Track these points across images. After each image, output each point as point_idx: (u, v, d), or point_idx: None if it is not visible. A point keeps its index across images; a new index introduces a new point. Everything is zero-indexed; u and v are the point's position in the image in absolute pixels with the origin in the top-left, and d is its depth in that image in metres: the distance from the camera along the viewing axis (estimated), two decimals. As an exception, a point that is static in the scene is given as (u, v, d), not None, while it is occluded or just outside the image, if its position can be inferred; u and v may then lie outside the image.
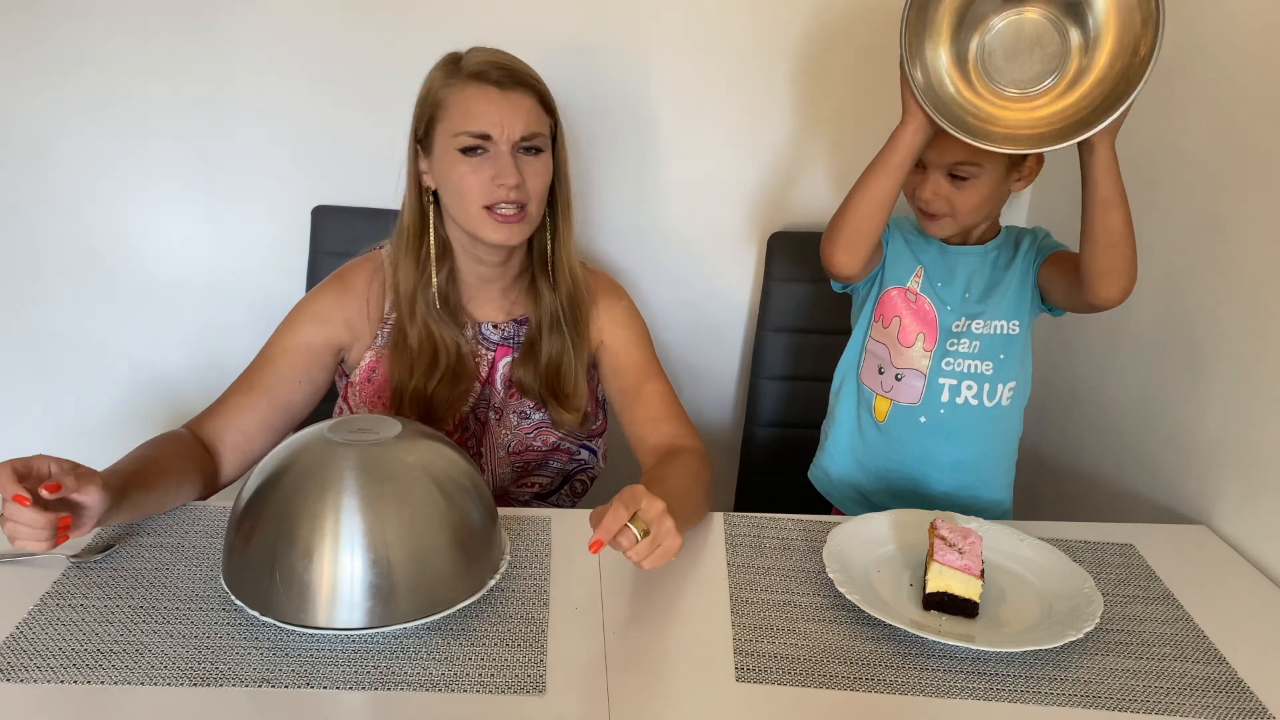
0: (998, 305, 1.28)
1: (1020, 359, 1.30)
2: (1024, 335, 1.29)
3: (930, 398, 1.30)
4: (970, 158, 1.18)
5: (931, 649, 0.96)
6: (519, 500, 1.35)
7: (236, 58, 1.60)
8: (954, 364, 1.29)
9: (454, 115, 1.16)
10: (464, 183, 1.16)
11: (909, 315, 1.30)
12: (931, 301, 1.29)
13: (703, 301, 1.80)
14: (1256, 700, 0.92)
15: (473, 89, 1.15)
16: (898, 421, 1.32)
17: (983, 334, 1.28)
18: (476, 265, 1.26)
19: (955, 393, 1.29)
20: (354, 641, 0.91)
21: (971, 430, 1.30)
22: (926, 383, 1.29)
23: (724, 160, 1.72)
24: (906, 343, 1.30)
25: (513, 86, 1.16)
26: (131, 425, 1.80)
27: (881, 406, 1.34)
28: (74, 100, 1.60)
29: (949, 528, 1.05)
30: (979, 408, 1.29)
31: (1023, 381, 1.31)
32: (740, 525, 1.18)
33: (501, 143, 1.16)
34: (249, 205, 1.69)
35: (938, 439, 1.31)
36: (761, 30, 1.64)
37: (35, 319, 1.73)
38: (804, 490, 1.52)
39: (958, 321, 1.28)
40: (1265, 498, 1.20)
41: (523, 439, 1.30)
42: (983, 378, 1.28)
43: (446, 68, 1.19)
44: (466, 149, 1.16)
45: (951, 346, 1.29)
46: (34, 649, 0.88)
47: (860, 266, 1.22)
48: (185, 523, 1.10)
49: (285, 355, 1.24)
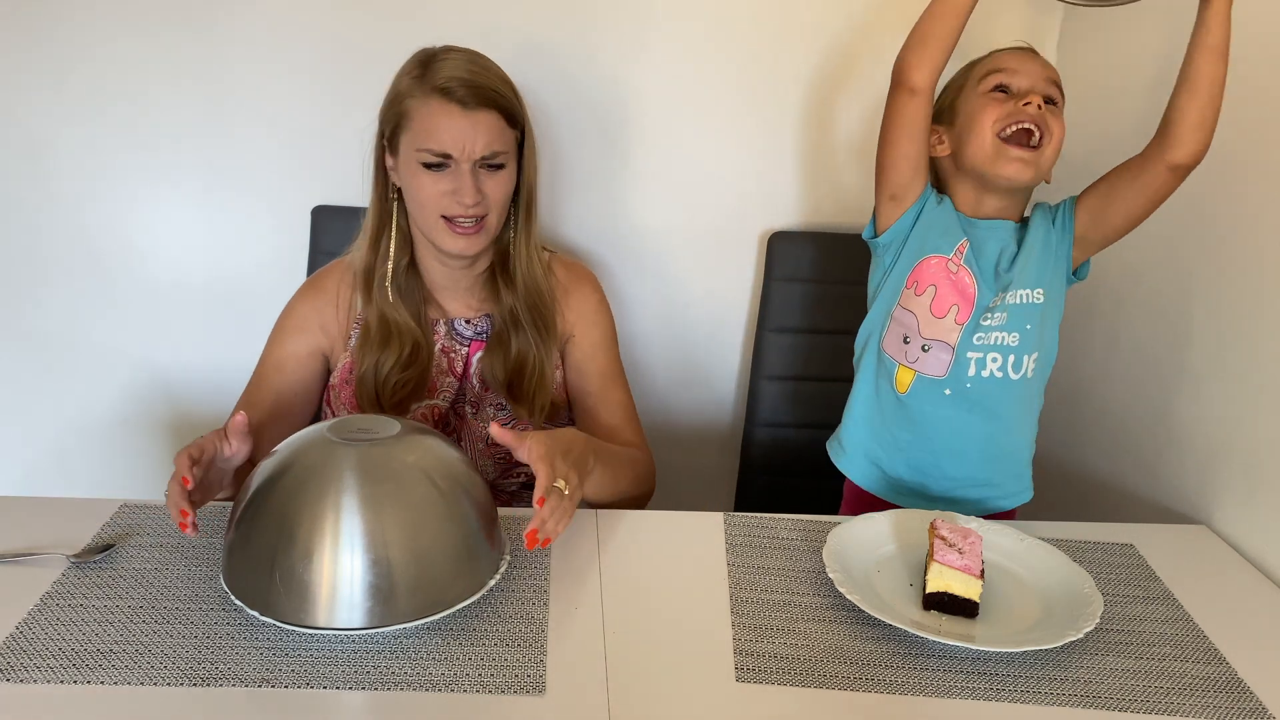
0: (1021, 273, 1.26)
1: (1043, 329, 1.27)
2: (1048, 305, 1.27)
3: (957, 371, 1.27)
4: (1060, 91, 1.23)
5: (931, 649, 0.96)
6: (507, 490, 1.34)
7: (237, 58, 1.60)
8: (984, 338, 1.26)
9: (417, 129, 1.17)
10: (424, 193, 1.19)
11: (947, 286, 1.27)
12: (974, 275, 1.27)
13: (702, 301, 1.80)
14: (1256, 700, 0.92)
15: (436, 105, 1.16)
16: (920, 394, 1.29)
17: (1011, 305, 1.26)
18: (440, 265, 1.28)
19: (981, 366, 1.26)
20: (354, 641, 0.91)
21: (995, 404, 1.28)
22: (954, 356, 1.27)
23: (724, 160, 1.72)
24: (939, 313, 1.27)
25: (476, 106, 1.16)
26: (131, 425, 1.80)
27: (904, 377, 1.30)
28: (74, 101, 1.60)
29: (949, 528, 1.05)
30: (1004, 380, 1.27)
31: (1045, 353, 1.29)
32: (740, 525, 1.18)
33: (463, 161, 1.17)
34: (249, 205, 1.69)
35: (960, 411, 1.28)
36: (764, 28, 1.64)
37: (35, 319, 1.73)
38: (804, 490, 1.52)
39: (994, 297, 1.27)
40: (1265, 498, 1.20)
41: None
42: (1008, 349, 1.26)
43: (415, 72, 1.19)
44: (427, 164, 1.17)
45: (984, 321, 1.27)
46: (34, 649, 0.88)
47: (929, 77, 1.20)
48: (185, 523, 1.10)
49: (278, 370, 1.26)
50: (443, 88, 1.16)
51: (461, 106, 1.16)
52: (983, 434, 1.29)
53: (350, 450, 0.94)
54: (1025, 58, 1.24)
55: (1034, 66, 1.23)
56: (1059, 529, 1.21)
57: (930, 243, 1.28)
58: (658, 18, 1.62)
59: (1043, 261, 1.27)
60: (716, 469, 1.89)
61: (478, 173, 1.19)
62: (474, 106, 1.16)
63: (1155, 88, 1.47)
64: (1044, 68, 1.24)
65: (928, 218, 1.28)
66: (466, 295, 1.32)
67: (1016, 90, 1.22)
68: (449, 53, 1.20)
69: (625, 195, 1.73)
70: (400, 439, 0.97)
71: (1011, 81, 1.22)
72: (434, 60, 1.19)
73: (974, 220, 1.28)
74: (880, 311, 1.32)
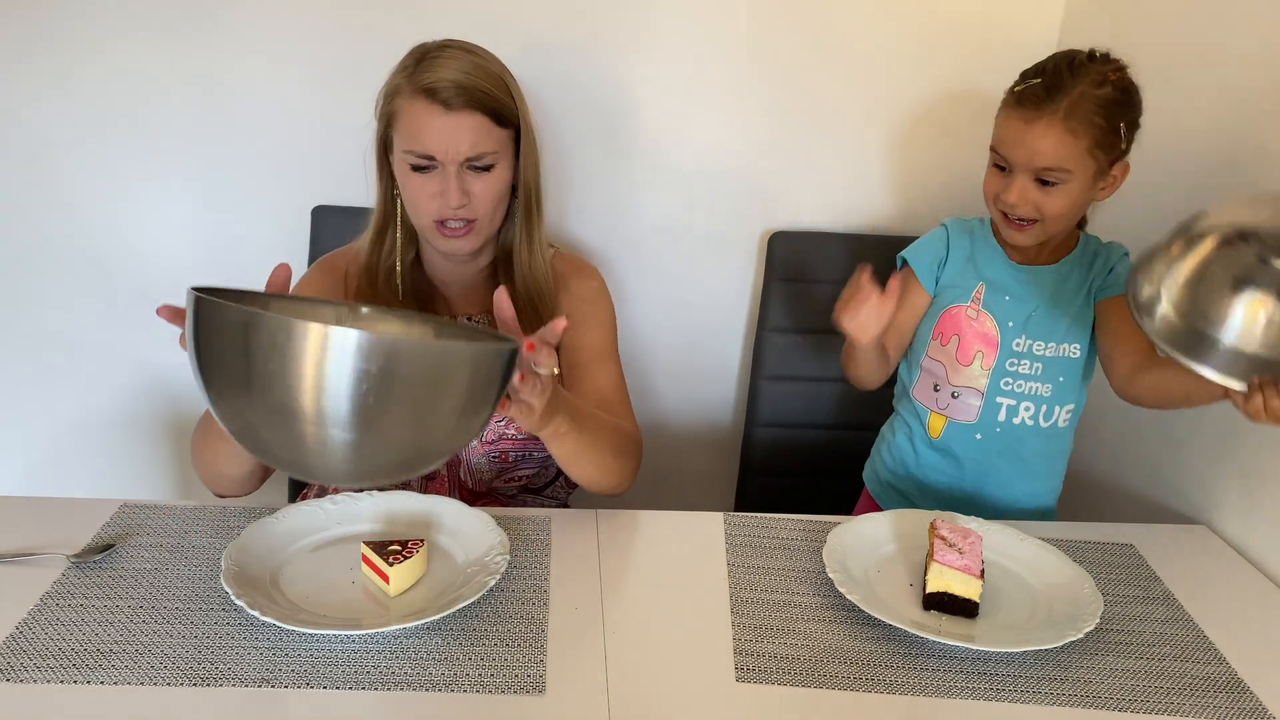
0: (1057, 327, 1.25)
1: (1079, 382, 1.28)
2: (1084, 358, 1.27)
3: (987, 416, 1.29)
4: (1061, 163, 1.13)
5: (931, 649, 0.96)
6: (507, 496, 1.34)
7: (237, 58, 1.60)
8: (1013, 384, 1.27)
9: (403, 130, 1.17)
10: (414, 195, 1.18)
11: (970, 333, 1.28)
12: (995, 318, 1.27)
13: (703, 301, 1.80)
14: (1256, 700, 0.92)
15: (420, 106, 1.15)
16: (954, 438, 1.31)
17: (1044, 355, 1.26)
18: (443, 261, 1.28)
19: (1013, 413, 1.28)
20: (354, 641, 0.91)
21: (1026, 449, 1.30)
22: (984, 401, 1.28)
23: (724, 160, 1.72)
24: (965, 361, 1.28)
25: (461, 107, 1.14)
26: (131, 426, 1.80)
27: (936, 423, 1.32)
28: (74, 102, 1.60)
29: (949, 528, 1.05)
30: (1034, 428, 1.28)
31: (1078, 404, 1.29)
32: (740, 525, 1.18)
33: (448, 163, 1.15)
34: (249, 205, 1.69)
35: (991, 456, 1.30)
36: (764, 29, 1.64)
37: (35, 319, 1.73)
38: (804, 490, 1.52)
39: (1018, 339, 1.26)
40: (1265, 498, 1.20)
41: (494, 428, 1.29)
42: (1040, 399, 1.27)
43: (407, 69, 1.18)
44: (414, 166, 1.17)
45: (1011, 366, 1.27)
46: (34, 649, 0.88)
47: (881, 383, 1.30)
48: (185, 522, 1.10)
49: None
50: (427, 88, 1.14)
51: (445, 108, 1.14)
52: (1011, 477, 1.31)
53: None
54: (1021, 130, 1.14)
55: (1029, 141, 1.13)
56: (1059, 529, 1.21)
57: (948, 297, 1.30)
58: (660, 17, 1.62)
59: (1082, 318, 1.25)
60: (716, 469, 1.89)
61: (464, 174, 1.17)
62: (458, 108, 1.14)
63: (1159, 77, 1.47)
64: (1041, 137, 1.12)
65: (946, 281, 1.31)
66: (470, 291, 1.32)
67: (1009, 168, 1.17)
68: (444, 49, 1.18)
69: (626, 195, 1.73)
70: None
71: (1005, 158, 1.17)
72: (426, 57, 1.18)
73: (1011, 262, 1.28)
74: (911, 363, 1.35)
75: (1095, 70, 1.13)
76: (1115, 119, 1.13)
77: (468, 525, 1.08)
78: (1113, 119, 1.13)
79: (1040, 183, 1.15)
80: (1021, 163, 1.15)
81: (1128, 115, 1.15)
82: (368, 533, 1.08)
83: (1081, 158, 1.13)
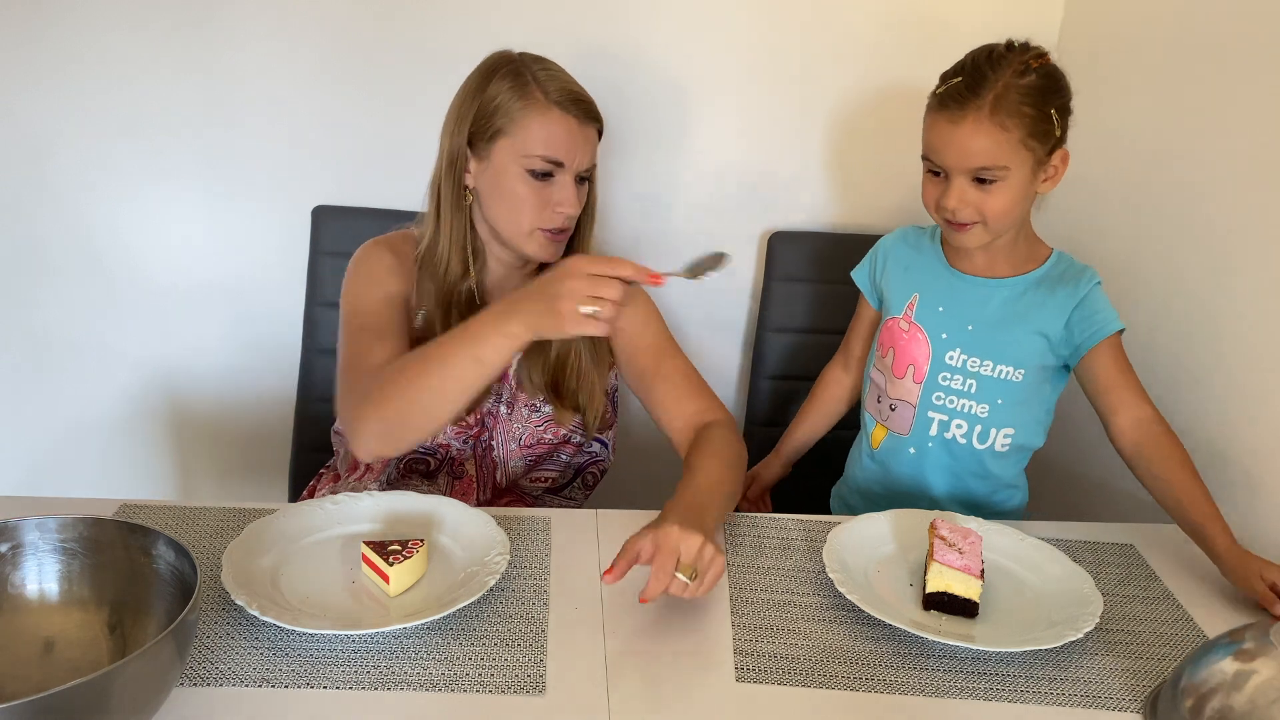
0: (1002, 349, 1.20)
1: (1022, 406, 1.23)
2: (1029, 384, 1.21)
3: (919, 429, 1.27)
4: (995, 160, 1.09)
5: (931, 649, 0.96)
6: (530, 494, 1.35)
7: (238, 58, 1.60)
8: (944, 399, 1.25)
9: (530, 137, 1.17)
10: (523, 202, 1.19)
11: (903, 345, 1.26)
12: (925, 330, 1.24)
13: (703, 301, 1.80)
14: (1256, 700, 0.91)
15: (556, 116, 1.18)
16: (889, 451, 1.31)
17: (978, 373, 1.22)
18: (499, 268, 1.29)
19: (944, 428, 1.25)
20: (354, 641, 0.91)
21: (961, 468, 1.27)
22: (915, 414, 1.27)
23: (724, 160, 1.72)
24: (899, 373, 1.28)
25: (588, 121, 1.20)
26: (131, 425, 1.80)
27: (878, 435, 1.33)
28: (75, 101, 1.60)
29: (949, 528, 1.05)
30: (967, 447, 1.25)
31: (1025, 430, 1.24)
32: (740, 525, 1.18)
33: (570, 172, 1.19)
34: (249, 205, 1.69)
35: (923, 471, 1.28)
36: (764, 30, 1.64)
37: (35, 319, 1.73)
38: (804, 490, 1.52)
39: (951, 353, 1.22)
40: (1265, 498, 1.20)
41: (533, 431, 1.30)
42: (975, 418, 1.23)
43: (514, 81, 1.18)
44: (536, 172, 1.18)
45: (944, 381, 1.24)
46: (34, 649, 0.88)
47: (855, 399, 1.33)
48: (185, 522, 1.10)
49: (390, 305, 1.22)
50: (560, 101, 1.18)
51: (578, 120, 1.19)
52: (945, 495, 1.29)
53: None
54: (949, 132, 1.11)
55: (959, 141, 1.10)
56: (1059, 529, 1.21)
57: (889, 306, 1.31)
58: (658, 21, 1.62)
59: (1029, 348, 1.20)
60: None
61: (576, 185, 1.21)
62: (586, 122, 1.20)
63: (1162, 65, 1.47)
64: (970, 136, 1.09)
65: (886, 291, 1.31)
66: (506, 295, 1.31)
67: (942, 172, 1.14)
68: (541, 63, 1.21)
69: (626, 195, 1.73)
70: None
71: (937, 163, 1.14)
72: (524, 68, 1.19)
73: (957, 272, 1.25)
74: (866, 374, 1.36)
75: (1015, 60, 1.10)
76: (1044, 105, 1.10)
77: (468, 525, 1.08)
78: (1042, 106, 1.09)
79: (978, 182, 1.12)
80: (955, 165, 1.12)
81: (1057, 100, 1.11)
82: (368, 533, 1.08)
83: (1016, 151, 1.10)
